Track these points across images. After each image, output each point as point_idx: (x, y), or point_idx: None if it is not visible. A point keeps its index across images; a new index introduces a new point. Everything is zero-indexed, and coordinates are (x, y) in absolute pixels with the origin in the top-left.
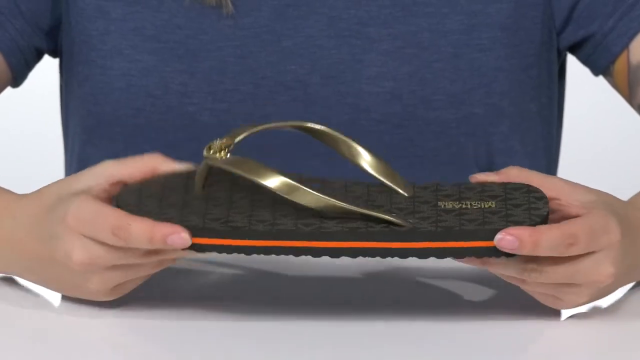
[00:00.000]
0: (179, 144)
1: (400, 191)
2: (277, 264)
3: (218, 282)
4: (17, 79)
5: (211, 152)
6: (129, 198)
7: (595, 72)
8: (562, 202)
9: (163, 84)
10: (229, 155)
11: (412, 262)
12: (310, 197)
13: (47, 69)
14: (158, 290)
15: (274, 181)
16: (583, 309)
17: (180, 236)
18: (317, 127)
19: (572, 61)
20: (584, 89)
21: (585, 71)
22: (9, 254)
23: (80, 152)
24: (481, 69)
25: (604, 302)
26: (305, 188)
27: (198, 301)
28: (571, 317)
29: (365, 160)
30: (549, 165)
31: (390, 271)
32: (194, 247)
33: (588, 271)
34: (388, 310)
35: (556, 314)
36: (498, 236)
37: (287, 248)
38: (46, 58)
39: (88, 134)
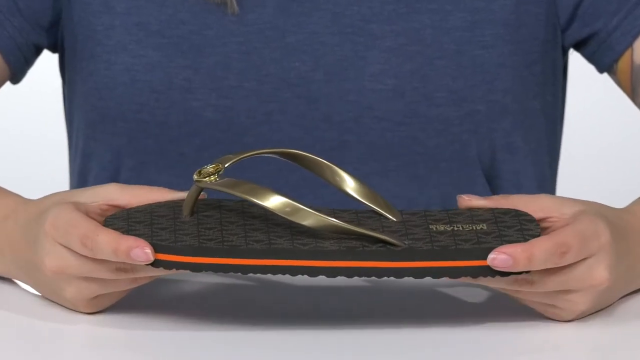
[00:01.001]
0: (182, 139)
1: (389, 216)
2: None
3: (213, 291)
4: (16, 76)
5: (201, 176)
6: (118, 224)
7: (600, 70)
8: (552, 218)
9: (167, 79)
10: (218, 179)
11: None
12: (312, 217)
13: (49, 67)
14: (153, 298)
15: (274, 202)
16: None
17: (143, 251)
18: (303, 153)
19: (572, 59)
20: (583, 86)
21: (585, 69)
22: (9, 256)
23: (84, 148)
24: (484, 66)
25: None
26: (307, 208)
27: (193, 310)
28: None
29: (350, 186)
30: (551, 162)
31: (385, 280)
32: (189, 267)
33: (582, 277)
34: (384, 317)
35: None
36: (491, 256)
37: (285, 267)
38: (48, 55)
39: (92, 129)
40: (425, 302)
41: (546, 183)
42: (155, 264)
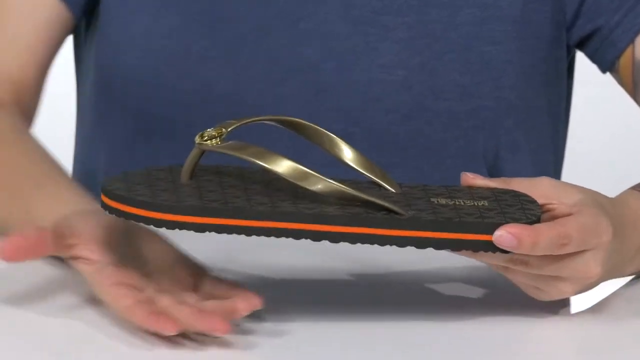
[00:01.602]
0: (193, 108)
1: (388, 187)
2: (276, 265)
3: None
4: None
5: (204, 139)
6: (117, 184)
7: (603, 68)
8: (552, 205)
9: (184, 46)
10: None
11: (405, 264)
12: (321, 183)
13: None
14: None
15: (283, 166)
16: (569, 303)
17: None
18: (303, 122)
19: (576, 60)
20: (590, 87)
21: (590, 70)
22: None
23: (95, 107)
24: (491, 62)
25: (594, 300)
26: (316, 174)
27: None
28: (562, 316)
29: (348, 157)
30: (555, 162)
31: (380, 272)
32: (193, 227)
33: (575, 268)
34: (379, 311)
35: (547, 313)
36: (497, 233)
37: (288, 230)
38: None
39: (104, 88)
40: (421, 301)
41: None
42: (159, 224)
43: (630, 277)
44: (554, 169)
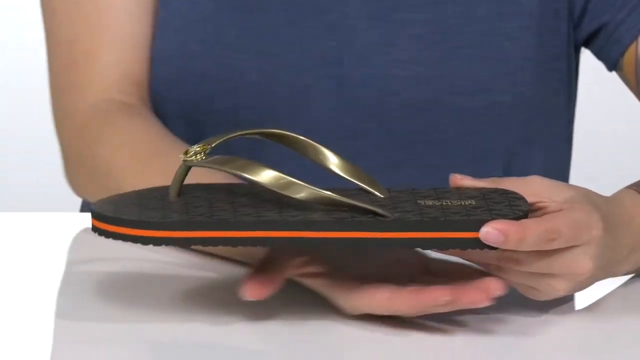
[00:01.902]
0: (218, 95)
1: (376, 193)
2: None
3: (208, 287)
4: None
5: (189, 155)
6: (106, 206)
7: (608, 66)
8: (543, 202)
9: (218, 32)
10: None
11: None
12: (305, 191)
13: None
14: (150, 296)
15: (266, 176)
16: (568, 302)
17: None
18: (287, 133)
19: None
20: (590, 85)
21: (595, 69)
22: None
23: None
24: (508, 58)
25: (593, 300)
26: (299, 182)
27: (187, 305)
28: (562, 315)
29: (334, 163)
30: (567, 161)
31: None
32: (180, 242)
33: (567, 264)
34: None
35: (547, 313)
36: (483, 229)
37: (274, 239)
38: None
39: None
40: None
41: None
42: (146, 241)
43: (628, 277)
44: (567, 167)
